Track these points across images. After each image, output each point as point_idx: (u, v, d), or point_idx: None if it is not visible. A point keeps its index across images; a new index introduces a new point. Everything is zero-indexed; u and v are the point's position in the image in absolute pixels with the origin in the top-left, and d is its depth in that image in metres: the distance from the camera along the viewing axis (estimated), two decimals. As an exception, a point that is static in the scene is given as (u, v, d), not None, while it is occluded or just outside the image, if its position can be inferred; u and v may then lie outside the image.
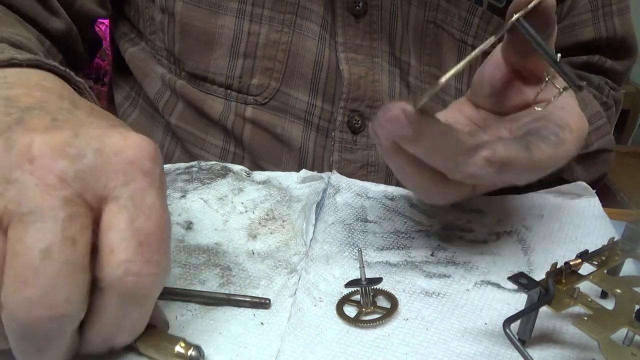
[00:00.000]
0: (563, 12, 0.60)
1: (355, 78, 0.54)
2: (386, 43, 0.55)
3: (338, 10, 0.53)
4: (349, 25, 0.54)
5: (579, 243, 0.41)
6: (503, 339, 0.29)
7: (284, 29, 0.53)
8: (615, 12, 0.60)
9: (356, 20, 0.54)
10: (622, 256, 0.34)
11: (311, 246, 0.39)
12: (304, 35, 0.53)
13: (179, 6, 0.53)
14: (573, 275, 0.31)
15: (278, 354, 0.30)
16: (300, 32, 0.53)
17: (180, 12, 0.53)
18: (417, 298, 0.35)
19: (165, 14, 0.54)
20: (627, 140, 2.08)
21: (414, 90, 0.58)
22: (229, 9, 0.52)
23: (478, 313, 0.33)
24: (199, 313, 0.32)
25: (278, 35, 0.53)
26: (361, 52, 0.54)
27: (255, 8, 0.52)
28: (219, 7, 0.52)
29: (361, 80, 0.54)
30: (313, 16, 0.53)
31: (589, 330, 0.27)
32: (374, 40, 0.55)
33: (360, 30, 0.54)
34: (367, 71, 0.54)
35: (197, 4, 0.53)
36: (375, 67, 0.55)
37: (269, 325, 0.32)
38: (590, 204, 0.45)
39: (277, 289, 0.35)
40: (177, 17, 0.53)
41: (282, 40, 0.53)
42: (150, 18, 0.57)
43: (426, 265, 0.38)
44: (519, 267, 0.38)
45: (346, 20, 0.54)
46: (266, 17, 0.52)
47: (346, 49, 0.54)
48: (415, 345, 0.31)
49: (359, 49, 0.54)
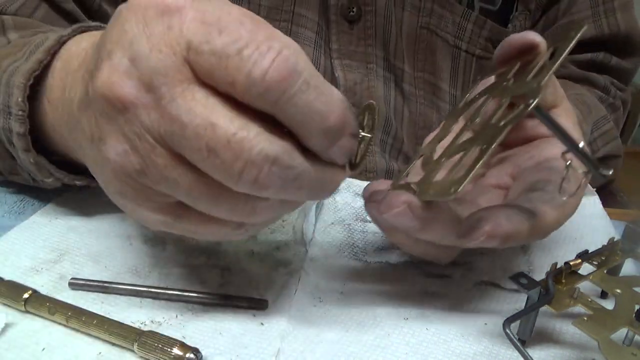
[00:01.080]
0: (560, 10, 0.59)
1: (350, 84, 0.54)
2: (380, 49, 0.55)
3: (332, 17, 0.53)
4: (342, 31, 0.54)
5: (578, 243, 0.41)
6: (503, 339, 0.29)
7: None
8: (618, 7, 0.59)
9: (350, 27, 0.54)
10: (622, 256, 0.34)
11: (311, 246, 0.39)
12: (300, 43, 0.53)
13: None
14: (573, 275, 0.31)
15: (278, 354, 0.30)
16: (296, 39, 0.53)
17: None
18: (417, 298, 0.34)
19: None
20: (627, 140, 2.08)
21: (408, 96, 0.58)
22: None
23: (478, 313, 0.33)
24: (199, 313, 0.32)
25: None
26: (355, 59, 0.54)
27: None
28: None
29: (357, 87, 0.54)
30: (309, 23, 0.53)
31: (589, 330, 0.27)
32: (368, 46, 0.55)
33: (354, 37, 0.54)
34: (362, 77, 0.54)
35: None
36: (370, 73, 0.55)
37: (269, 325, 0.32)
38: (591, 203, 0.45)
39: (277, 289, 0.35)
40: None
41: None
42: None
43: (426, 266, 0.38)
44: (519, 267, 0.38)
45: (340, 27, 0.53)
46: None
47: (340, 55, 0.54)
48: (415, 345, 0.31)
49: (353, 55, 0.54)
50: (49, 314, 0.31)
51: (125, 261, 0.36)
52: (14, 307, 0.31)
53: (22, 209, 0.42)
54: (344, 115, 0.25)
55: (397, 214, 0.28)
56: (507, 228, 0.28)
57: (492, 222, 0.28)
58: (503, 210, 0.29)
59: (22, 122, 0.34)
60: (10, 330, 0.30)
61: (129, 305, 0.33)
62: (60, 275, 0.34)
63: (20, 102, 0.34)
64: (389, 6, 0.53)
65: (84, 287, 0.33)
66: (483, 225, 0.28)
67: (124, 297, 0.33)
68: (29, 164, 0.36)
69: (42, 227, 0.40)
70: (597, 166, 0.27)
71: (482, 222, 0.28)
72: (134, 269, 0.36)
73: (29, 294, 0.31)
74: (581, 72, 0.62)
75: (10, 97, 0.34)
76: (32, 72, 0.33)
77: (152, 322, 0.31)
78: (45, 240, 0.38)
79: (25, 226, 0.39)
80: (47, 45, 0.34)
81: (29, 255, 0.36)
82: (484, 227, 0.28)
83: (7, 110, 0.35)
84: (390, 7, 0.54)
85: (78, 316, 0.30)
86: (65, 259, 0.36)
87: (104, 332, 0.29)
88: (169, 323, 0.31)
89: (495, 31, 0.57)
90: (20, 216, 0.41)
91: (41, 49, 0.34)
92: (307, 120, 0.24)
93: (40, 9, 0.48)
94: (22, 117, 0.34)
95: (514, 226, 0.28)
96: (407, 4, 0.54)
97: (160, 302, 0.33)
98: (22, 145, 0.35)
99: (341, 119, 0.25)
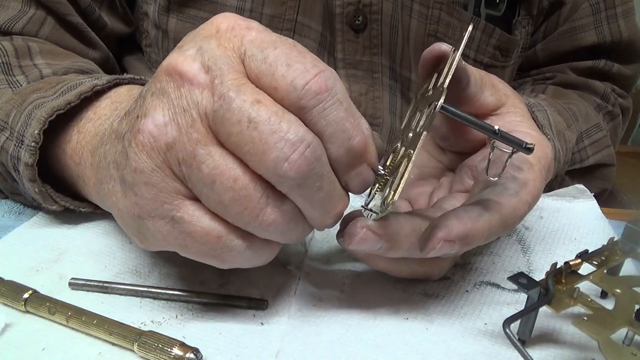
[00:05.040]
0: (562, 17, 0.59)
1: (355, 95, 0.54)
2: (387, 58, 0.55)
3: (337, 25, 0.53)
4: (348, 40, 0.53)
5: (578, 243, 0.41)
6: (503, 338, 0.29)
7: None
8: (620, 14, 0.59)
9: (356, 35, 0.53)
10: (622, 256, 0.34)
11: (311, 246, 0.39)
12: None
13: (172, 23, 0.53)
14: (573, 275, 0.31)
15: (278, 354, 0.30)
16: None
17: (173, 30, 0.53)
18: (417, 299, 0.35)
19: (159, 30, 0.54)
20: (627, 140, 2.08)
21: None
22: None
23: (478, 313, 0.33)
24: (199, 313, 0.32)
25: None
26: (361, 68, 0.54)
27: None
28: None
29: (362, 98, 0.54)
30: (312, 33, 0.53)
31: (589, 330, 0.27)
32: (374, 55, 0.54)
33: (360, 46, 0.54)
34: (367, 88, 0.54)
35: (192, 22, 0.52)
36: (376, 82, 0.55)
37: (269, 325, 0.32)
38: (589, 207, 0.45)
39: (277, 289, 0.35)
40: (171, 34, 0.53)
41: None
42: (146, 31, 0.57)
43: (426, 265, 0.38)
44: (518, 267, 0.38)
45: (346, 36, 0.53)
46: None
47: (346, 65, 0.54)
48: (415, 345, 0.31)
49: (359, 65, 0.54)
50: (49, 314, 0.31)
51: (125, 261, 0.36)
52: (14, 307, 0.32)
53: (22, 209, 0.42)
54: (367, 142, 0.27)
55: (360, 240, 0.29)
56: (459, 229, 0.29)
57: (443, 228, 0.29)
58: (452, 213, 0.30)
59: (32, 153, 0.35)
60: (10, 330, 0.30)
61: (129, 305, 0.33)
62: (60, 275, 0.34)
63: (36, 134, 0.35)
64: (396, 14, 0.53)
65: (84, 287, 0.33)
66: (436, 233, 0.29)
67: (124, 297, 0.33)
68: (33, 193, 0.37)
69: (42, 227, 0.40)
70: (520, 142, 0.29)
71: (435, 230, 0.29)
72: (134, 269, 0.36)
73: (29, 294, 0.31)
74: (582, 79, 0.62)
75: (27, 128, 0.36)
76: (57, 110, 0.35)
77: (152, 322, 0.31)
78: (45, 240, 0.38)
79: (26, 226, 0.40)
80: (80, 89, 0.36)
81: (29, 255, 0.36)
82: (437, 235, 0.29)
83: (20, 139, 0.36)
84: (397, 15, 0.53)
85: (78, 316, 0.30)
86: (65, 258, 0.36)
87: (104, 332, 0.29)
88: (169, 323, 0.31)
89: (503, 40, 0.56)
90: (20, 216, 0.41)
91: (74, 92, 0.36)
92: (334, 134, 0.26)
93: (47, 24, 0.49)
94: (33, 148, 0.35)
95: (466, 226, 0.29)
96: (415, 12, 0.53)
97: (160, 302, 0.33)
98: (28, 175, 0.36)
99: (364, 144, 0.27)
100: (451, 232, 0.29)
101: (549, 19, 0.60)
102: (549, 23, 0.60)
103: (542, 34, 0.61)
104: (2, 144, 0.38)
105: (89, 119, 0.36)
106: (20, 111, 0.37)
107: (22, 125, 0.36)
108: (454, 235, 0.29)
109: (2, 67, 0.43)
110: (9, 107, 0.38)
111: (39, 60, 0.44)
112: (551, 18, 0.60)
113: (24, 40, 0.46)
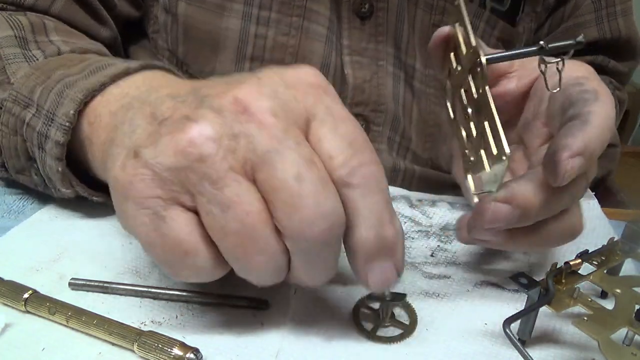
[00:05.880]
0: (566, 13, 0.60)
1: (359, 82, 0.54)
2: (392, 46, 0.55)
3: (344, 13, 0.53)
4: (354, 27, 0.54)
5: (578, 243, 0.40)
6: (503, 339, 0.29)
7: (292, 32, 0.52)
8: (619, 12, 0.60)
9: (362, 23, 0.54)
10: (622, 256, 0.34)
11: (311, 246, 0.39)
12: (311, 38, 0.53)
13: (181, 7, 0.53)
14: (573, 275, 0.31)
15: (278, 354, 0.30)
16: (307, 35, 0.53)
17: (183, 14, 0.53)
18: (418, 299, 0.34)
19: (169, 15, 0.54)
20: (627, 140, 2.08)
21: (418, 94, 0.58)
22: (233, 11, 0.52)
23: (478, 313, 0.33)
24: (199, 313, 0.32)
25: (285, 38, 0.52)
26: (366, 55, 0.54)
27: (262, 11, 0.52)
28: (224, 9, 0.52)
29: (365, 85, 0.54)
30: (320, 19, 0.53)
31: (589, 330, 0.27)
32: (379, 42, 0.55)
33: (365, 33, 0.54)
34: (371, 75, 0.54)
35: (201, 5, 0.52)
36: (380, 70, 0.55)
37: (269, 325, 0.32)
38: (590, 206, 0.45)
39: (277, 289, 0.35)
40: (180, 18, 0.53)
41: (290, 44, 0.53)
42: (155, 16, 0.56)
43: (426, 266, 0.38)
44: (518, 267, 0.38)
45: (352, 23, 0.53)
46: (273, 20, 0.52)
47: (351, 52, 0.54)
48: (415, 345, 0.31)
49: (364, 52, 0.54)
50: (49, 314, 0.31)
51: (125, 261, 0.36)
52: (14, 307, 0.31)
53: (21, 209, 0.42)
54: (399, 240, 0.28)
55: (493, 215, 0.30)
56: (577, 143, 0.29)
57: (562, 149, 0.29)
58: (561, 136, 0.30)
59: (65, 132, 0.35)
60: (10, 330, 0.30)
61: (129, 305, 0.33)
62: (60, 275, 0.34)
63: (71, 115, 0.35)
64: (402, 3, 0.53)
65: (84, 287, 0.33)
66: (560, 155, 0.29)
67: (124, 297, 0.33)
68: (53, 172, 0.37)
69: (41, 227, 0.40)
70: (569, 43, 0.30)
71: (557, 154, 0.29)
72: (134, 269, 0.36)
73: (29, 294, 0.31)
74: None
75: (59, 107, 0.35)
76: (93, 91, 0.35)
77: (152, 322, 0.31)
78: (45, 240, 0.38)
79: (25, 226, 0.39)
80: (112, 71, 0.36)
81: (28, 255, 0.36)
82: (562, 157, 0.29)
83: (50, 117, 0.36)
84: (403, 4, 0.54)
85: (78, 316, 0.30)
86: (65, 258, 0.36)
87: (104, 332, 0.29)
88: (169, 323, 0.31)
89: (506, 32, 0.57)
90: (19, 216, 0.41)
91: (105, 72, 0.36)
92: (367, 216, 0.27)
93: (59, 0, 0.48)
94: (67, 128, 0.35)
95: (578, 137, 0.29)
96: (420, 2, 0.54)
97: (160, 302, 0.33)
98: (56, 153, 0.36)
99: (395, 237, 0.27)
100: (572, 148, 0.29)
101: (553, 15, 0.61)
102: (554, 19, 0.61)
103: (546, 30, 0.61)
104: (29, 120, 0.37)
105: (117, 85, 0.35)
106: (48, 89, 0.36)
107: (53, 103, 0.36)
108: (577, 149, 0.29)
109: (18, 41, 0.42)
110: (32, 83, 0.38)
111: (55, 37, 0.44)
112: (555, 14, 0.61)
113: (39, 17, 0.45)
